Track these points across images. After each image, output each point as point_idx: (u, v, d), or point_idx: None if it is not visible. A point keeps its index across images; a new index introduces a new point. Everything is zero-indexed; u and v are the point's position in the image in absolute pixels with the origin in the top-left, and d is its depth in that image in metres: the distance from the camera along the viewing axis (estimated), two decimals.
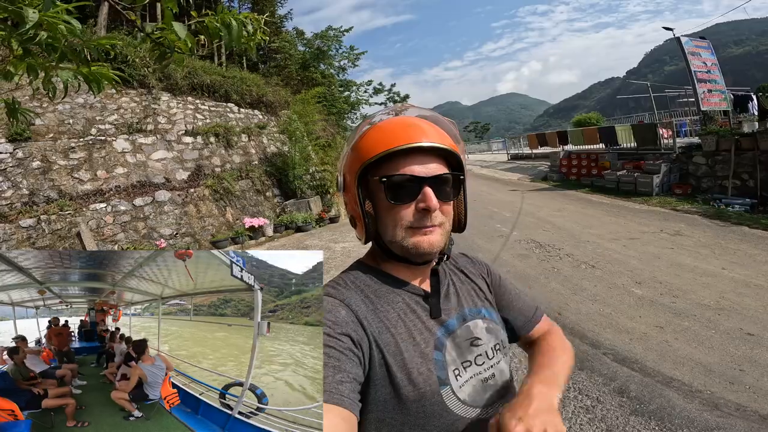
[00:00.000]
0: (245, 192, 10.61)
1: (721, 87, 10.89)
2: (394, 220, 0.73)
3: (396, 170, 0.72)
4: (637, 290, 4.55)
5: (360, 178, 0.75)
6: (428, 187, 0.71)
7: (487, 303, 0.87)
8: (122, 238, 7.78)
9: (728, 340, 3.38)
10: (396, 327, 0.72)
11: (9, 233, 6.44)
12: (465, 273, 0.91)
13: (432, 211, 0.71)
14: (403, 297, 0.77)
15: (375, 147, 0.72)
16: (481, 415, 0.73)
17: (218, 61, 15.92)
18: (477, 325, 0.80)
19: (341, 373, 0.61)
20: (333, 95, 19.88)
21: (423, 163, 0.72)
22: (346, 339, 0.65)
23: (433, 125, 0.77)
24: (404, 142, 0.71)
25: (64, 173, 7.67)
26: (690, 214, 8.05)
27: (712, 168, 9.63)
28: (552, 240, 6.78)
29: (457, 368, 0.74)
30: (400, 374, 0.68)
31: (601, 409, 2.69)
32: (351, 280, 0.78)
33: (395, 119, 0.78)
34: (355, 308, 0.71)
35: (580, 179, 12.75)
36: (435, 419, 0.69)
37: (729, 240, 6.20)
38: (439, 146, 0.72)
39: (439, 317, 0.77)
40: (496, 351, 0.80)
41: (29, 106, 7.60)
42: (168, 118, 10.04)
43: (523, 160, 20.34)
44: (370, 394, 0.68)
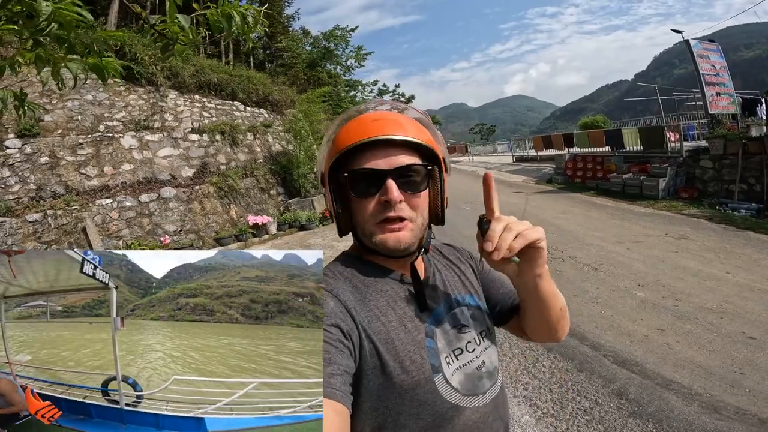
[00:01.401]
0: (250, 190, 10.67)
1: (730, 90, 10.79)
2: (362, 214, 0.74)
3: (361, 164, 0.72)
4: (640, 293, 4.53)
5: (333, 173, 0.75)
6: (390, 180, 0.70)
7: (472, 290, 0.87)
8: (127, 233, 7.85)
9: (730, 344, 3.35)
10: (386, 315, 0.72)
11: (15, 227, 6.52)
12: (450, 260, 0.92)
13: (393, 203, 0.70)
14: (391, 285, 0.77)
15: (345, 140, 0.73)
16: (472, 403, 0.73)
17: (225, 59, 16.03)
18: (463, 312, 0.81)
19: (332, 366, 0.61)
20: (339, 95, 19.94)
21: (389, 156, 0.72)
22: (335, 330, 0.65)
23: (407, 118, 0.78)
24: (371, 134, 0.71)
25: (71, 169, 7.76)
26: (695, 218, 7.98)
27: (719, 172, 9.54)
28: (555, 242, 6.76)
29: (448, 356, 0.74)
30: (393, 363, 0.68)
31: (600, 411, 2.68)
32: (339, 271, 0.78)
33: (369, 114, 0.79)
34: (344, 298, 0.71)
35: (585, 182, 12.67)
36: (428, 407, 0.69)
37: (734, 244, 6.14)
38: (405, 139, 0.72)
39: (426, 310, 0.76)
40: (483, 338, 0.81)
41: (38, 102, 7.70)
42: (175, 115, 10.13)
43: (528, 162, 20.26)
44: (362, 384, 0.67)
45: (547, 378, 3.12)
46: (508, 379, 3.13)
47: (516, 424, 2.62)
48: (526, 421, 2.64)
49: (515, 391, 2.98)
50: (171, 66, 10.24)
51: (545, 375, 3.16)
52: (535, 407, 2.78)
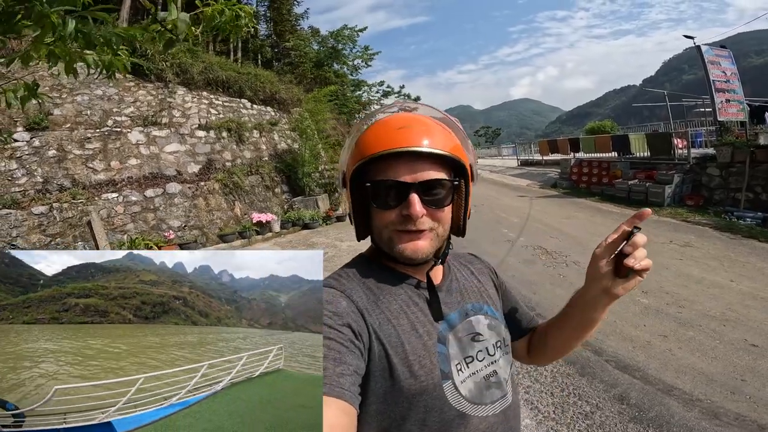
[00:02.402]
0: (254, 187, 10.72)
1: (740, 97, 10.70)
2: (381, 222, 0.73)
3: (385, 174, 0.71)
4: (643, 299, 4.51)
5: (356, 176, 0.74)
6: (414, 194, 0.69)
7: (490, 301, 0.86)
8: (132, 228, 7.91)
9: (732, 351, 3.34)
10: (398, 319, 0.71)
11: (20, 220, 6.58)
12: (471, 270, 0.91)
13: (414, 218, 0.69)
14: (406, 290, 0.76)
15: (371, 147, 0.71)
16: (479, 412, 0.72)
17: (234, 57, 16.11)
18: (479, 321, 0.80)
19: (342, 366, 0.60)
20: (345, 94, 19.96)
21: (414, 167, 0.70)
22: (347, 330, 0.65)
23: (440, 126, 0.75)
24: (397, 145, 0.69)
25: (78, 162, 7.83)
26: (701, 226, 7.94)
27: (725, 180, 9.48)
28: (559, 247, 6.75)
29: (460, 363, 0.73)
30: (402, 367, 0.67)
31: (600, 416, 2.68)
32: (353, 273, 0.77)
33: (399, 116, 0.76)
34: (356, 299, 0.71)
35: (591, 187, 12.62)
36: (435, 413, 0.68)
37: (738, 253, 6.11)
38: (432, 151, 0.69)
39: (440, 316, 0.75)
40: (497, 348, 0.79)
41: (48, 96, 7.77)
42: (182, 112, 10.20)
43: (534, 166, 20.20)
44: (369, 386, 0.67)
45: (548, 382, 3.12)
46: None
47: None
48: (527, 424, 2.65)
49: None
50: (180, 62, 10.31)
51: (547, 379, 3.16)
52: (536, 411, 2.79)
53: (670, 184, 9.97)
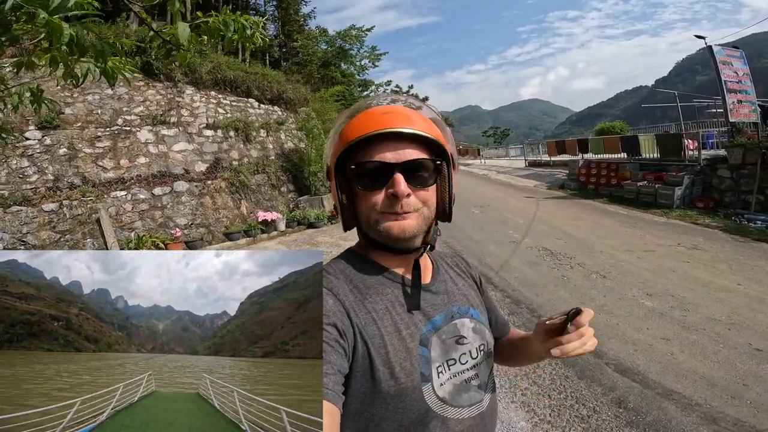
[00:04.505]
0: (260, 186, 10.80)
1: (752, 98, 10.50)
2: (367, 206, 0.73)
3: (370, 157, 0.71)
4: (648, 302, 4.46)
5: (340, 166, 0.75)
6: (398, 174, 0.70)
7: (477, 303, 0.87)
8: (139, 225, 8.02)
9: (735, 355, 3.29)
10: (383, 320, 0.71)
11: (31, 216, 6.71)
12: (458, 272, 0.92)
13: (400, 197, 0.70)
14: (392, 289, 0.76)
15: (354, 133, 0.72)
16: (457, 414, 0.73)
17: (242, 57, 16.23)
18: (464, 324, 0.80)
19: (326, 365, 0.60)
20: (352, 94, 20.02)
21: (397, 149, 0.71)
22: (332, 329, 0.65)
23: (417, 113, 0.77)
24: (380, 127, 0.70)
25: (88, 161, 7.96)
26: (710, 229, 7.81)
27: (736, 182, 9.31)
28: (564, 249, 6.69)
29: (441, 365, 0.73)
30: (383, 368, 0.67)
31: (597, 420, 2.66)
32: (340, 269, 0.77)
33: (379, 107, 0.78)
34: (343, 298, 0.70)
35: (599, 189, 12.48)
36: (412, 414, 0.69)
37: (747, 256, 6.01)
38: (414, 132, 0.71)
39: (424, 317, 0.76)
40: (480, 352, 0.80)
41: (60, 96, 7.93)
42: (191, 111, 10.32)
43: (541, 167, 20.03)
44: (350, 386, 0.67)
45: (546, 384, 3.10)
46: (507, 384, 3.11)
47: (512, 430, 2.61)
48: (522, 427, 2.63)
49: (513, 396, 2.97)
50: (189, 62, 10.43)
51: (545, 381, 3.14)
52: (532, 413, 2.77)
53: (679, 186, 9.81)
